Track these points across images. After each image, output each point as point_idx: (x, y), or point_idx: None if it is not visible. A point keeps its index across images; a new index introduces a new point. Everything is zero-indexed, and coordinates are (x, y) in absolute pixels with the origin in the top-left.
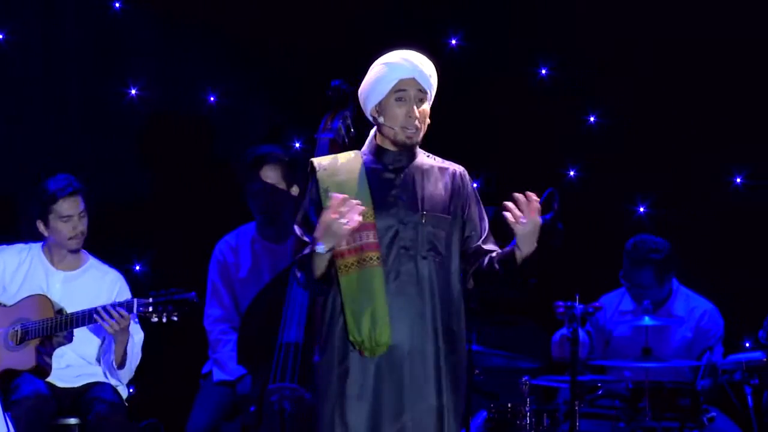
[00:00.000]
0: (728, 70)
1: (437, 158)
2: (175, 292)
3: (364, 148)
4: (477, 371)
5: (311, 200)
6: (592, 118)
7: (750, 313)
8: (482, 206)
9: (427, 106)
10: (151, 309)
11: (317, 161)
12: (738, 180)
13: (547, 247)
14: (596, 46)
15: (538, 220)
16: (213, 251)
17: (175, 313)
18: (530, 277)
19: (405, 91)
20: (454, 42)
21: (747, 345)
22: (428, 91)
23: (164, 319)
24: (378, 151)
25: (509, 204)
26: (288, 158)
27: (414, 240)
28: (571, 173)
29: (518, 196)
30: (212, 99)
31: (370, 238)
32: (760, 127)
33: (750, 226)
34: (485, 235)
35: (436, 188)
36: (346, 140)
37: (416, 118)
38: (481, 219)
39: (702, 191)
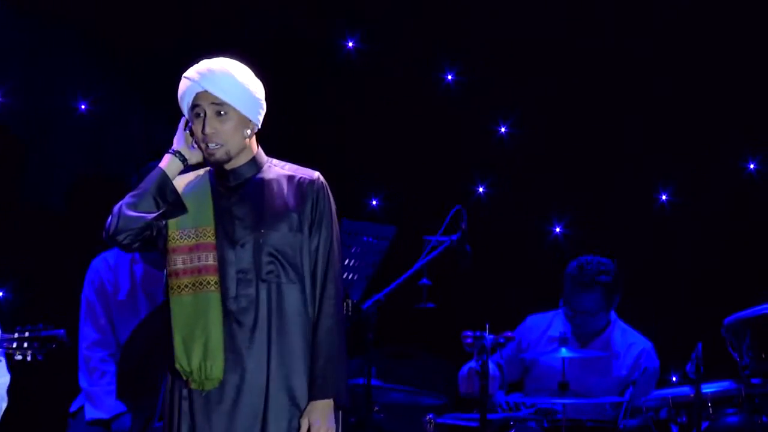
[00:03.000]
0: (652, 76)
1: (289, 166)
2: (43, 328)
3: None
4: (376, 408)
5: None
6: (503, 129)
7: (677, 346)
8: (334, 227)
9: (229, 118)
10: (15, 345)
11: None
12: (663, 197)
13: (454, 270)
14: (508, 48)
15: None
16: (88, 268)
17: (42, 351)
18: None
19: (198, 106)
20: (350, 44)
21: (674, 379)
22: (227, 102)
23: (29, 358)
24: (218, 169)
25: None
26: None
27: (252, 262)
28: (480, 190)
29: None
30: (83, 107)
31: (209, 260)
32: (686, 141)
33: (676, 250)
34: (325, 270)
35: (281, 201)
36: None
37: (212, 134)
38: (325, 247)
39: (625, 210)
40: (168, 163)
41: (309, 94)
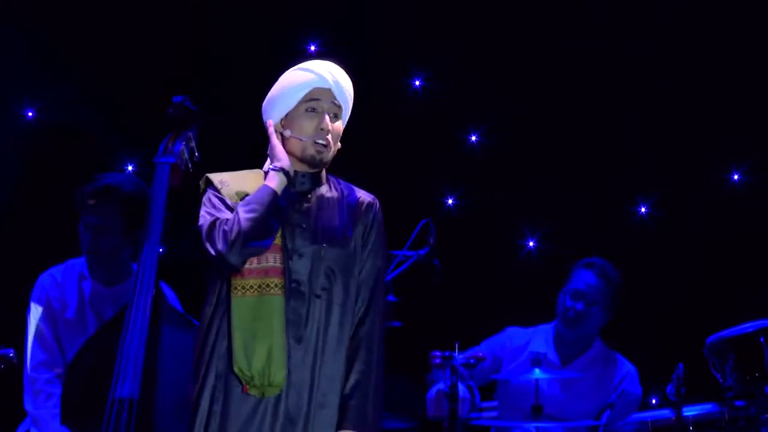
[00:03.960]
0: (632, 82)
1: (347, 185)
2: None
3: (265, 167)
4: None
5: (223, 203)
6: (473, 137)
7: (656, 366)
8: (384, 254)
9: (341, 124)
10: None
11: (218, 177)
12: (643, 210)
13: (422, 287)
14: (480, 52)
15: None
16: (35, 285)
17: None
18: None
19: (318, 101)
20: (312, 48)
21: (653, 402)
22: (343, 107)
23: None
24: (289, 172)
25: None
26: (135, 192)
27: (308, 275)
28: (450, 201)
29: None
30: (30, 114)
31: (276, 261)
32: (667, 151)
33: (656, 265)
34: (369, 302)
35: (341, 219)
36: (190, 166)
37: (329, 131)
38: (371, 275)
39: (603, 223)
40: (277, 183)
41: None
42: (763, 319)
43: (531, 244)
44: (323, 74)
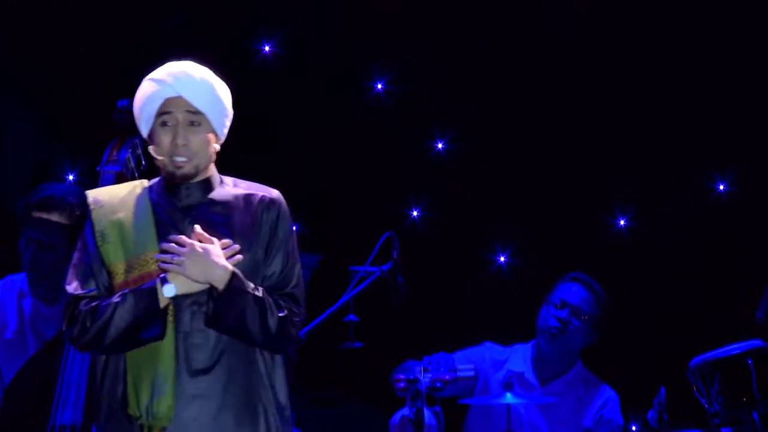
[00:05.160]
0: (608, 87)
1: (245, 184)
2: None
3: (154, 180)
4: None
5: (87, 250)
6: (440, 144)
7: (637, 391)
8: (294, 250)
9: (203, 131)
10: None
11: (93, 194)
12: (621, 222)
13: (385, 305)
14: (447, 53)
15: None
16: None
17: None
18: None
19: (170, 113)
20: (267, 48)
21: (633, 429)
22: (205, 111)
23: None
24: (167, 185)
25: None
26: (80, 204)
27: (208, 293)
28: (414, 213)
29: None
30: None
31: None
32: (647, 159)
33: (635, 282)
34: (288, 290)
35: (237, 225)
36: (136, 174)
37: (184, 145)
38: (287, 270)
39: (578, 237)
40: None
41: None
42: (750, 339)
43: (502, 259)
44: (170, 82)
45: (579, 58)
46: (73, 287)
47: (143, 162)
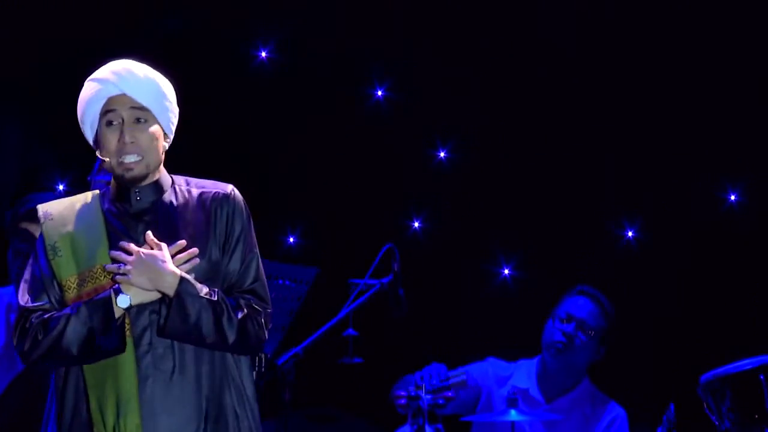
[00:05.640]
0: (616, 96)
1: (196, 182)
2: None
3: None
4: None
5: (38, 264)
6: (442, 154)
7: (645, 407)
8: (253, 245)
9: (150, 127)
10: None
11: (43, 208)
12: (630, 234)
13: (386, 319)
14: (449, 59)
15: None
16: None
17: None
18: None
19: (114, 111)
20: (264, 54)
21: None
22: (151, 107)
23: None
24: (118, 191)
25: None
26: None
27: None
28: (416, 225)
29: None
30: None
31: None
32: (655, 169)
33: (644, 295)
34: (247, 286)
35: (192, 226)
36: None
37: (131, 142)
38: (245, 266)
39: (585, 249)
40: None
41: (213, 110)
42: (762, 354)
43: (506, 271)
44: (113, 80)
45: (584, 66)
46: (24, 300)
47: None
